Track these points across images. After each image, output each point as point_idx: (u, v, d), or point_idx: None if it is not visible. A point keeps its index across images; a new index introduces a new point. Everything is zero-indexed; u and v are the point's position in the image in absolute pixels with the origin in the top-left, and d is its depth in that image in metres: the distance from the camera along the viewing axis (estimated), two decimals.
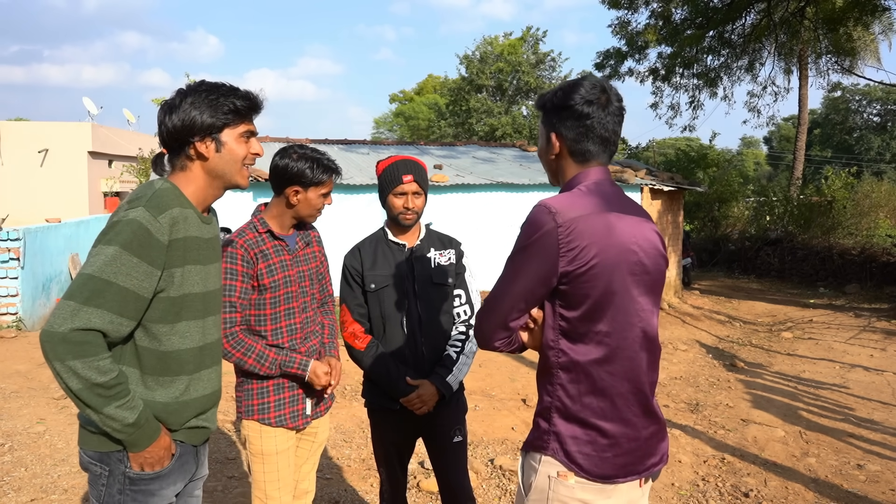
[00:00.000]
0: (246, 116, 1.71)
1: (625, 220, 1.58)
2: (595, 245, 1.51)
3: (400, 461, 2.63)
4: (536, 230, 1.53)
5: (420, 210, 2.51)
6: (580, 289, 1.53)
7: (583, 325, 1.55)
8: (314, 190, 2.31)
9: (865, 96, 41.11)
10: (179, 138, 1.65)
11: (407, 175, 2.47)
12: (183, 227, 1.62)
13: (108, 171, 20.17)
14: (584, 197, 1.58)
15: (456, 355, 2.51)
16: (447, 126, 28.55)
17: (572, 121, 1.62)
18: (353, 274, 2.55)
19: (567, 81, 1.69)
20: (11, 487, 3.75)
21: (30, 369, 6.20)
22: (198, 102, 1.64)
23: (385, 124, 43.80)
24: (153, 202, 1.58)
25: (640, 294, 1.58)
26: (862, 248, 13.63)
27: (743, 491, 4.03)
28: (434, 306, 2.52)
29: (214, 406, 1.84)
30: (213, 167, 1.69)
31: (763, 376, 6.88)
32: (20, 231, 8.48)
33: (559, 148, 1.66)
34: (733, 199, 17.45)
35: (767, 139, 51.83)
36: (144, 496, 1.65)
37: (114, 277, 1.50)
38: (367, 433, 4.76)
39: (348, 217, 10.13)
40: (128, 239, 1.51)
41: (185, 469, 1.74)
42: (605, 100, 1.62)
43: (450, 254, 2.59)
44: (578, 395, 1.57)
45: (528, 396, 5.67)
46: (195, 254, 1.66)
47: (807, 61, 20.00)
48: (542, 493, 1.60)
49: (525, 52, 27.31)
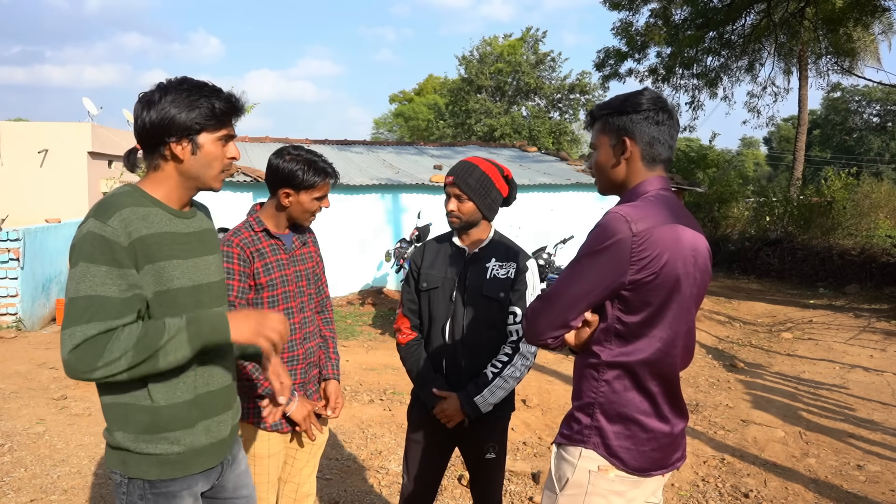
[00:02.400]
0: (225, 120, 1.66)
1: (688, 232, 1.64)
2: (664, 255, 1.56)
3: (432, 468, 2.53)
4: (610, 237, 1.56)
5: (465, 214, 2.38)
6: (643, 296, 1.58)
7: (639, 329, 1.61)
8: (306, 193, 2.26)
9: (865, 97, 41.12)
10: (155, 136, 1.60)
11: (449, 176, 2.42)
12: (140, 225, 1.57)
13: (108, 172, 20.16)
14: (653, 206, 1.62)
15: (493, 376, 2.36)
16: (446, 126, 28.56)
17: (647, 125, 1.67)
18: (412, 269, 2.54)
19: (628, 92, 1.75)
20: (11, 488, 3.74)
21: (29, 370, 6.20)
22: (178, 101, 1.58)
23: (385, 125, 43.79)
24: (100, 210, 1.55)
25: (691, 304, 1.66)
26: (862, 249, 13.62)
27: (743, 491, 4.03)
28: (480, 318, 2.39)
29: (228, 401, 1.78)
30: (187, 169, 1.64)
31: (763, 377, 6.88)
32: (20, 231, 8.48)
33: (631, 152, 1.69)
34: (733, 199, 17.45)
35: (767, 140, 51.85)
36: (166, 499, 1.63)
37: (90, 290, 1.49)
38: (367, 434, 4.76)
39: (348, 217, 10.13)
40: (88, 251, 1.50)
41: (205, 473, 1.72)
42: (670, 111, 1.70)
43: (510, 267, 2.42)
44: (623, 392, 1.64)
45: (527, 397, 5.67)
46: (168, 249, 1.62)
47: (806, 62, 20.01)
48: (581, 487, 1.65)
49: (525, 52, 27.32)
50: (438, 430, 2.45)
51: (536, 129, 25.90)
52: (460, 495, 3.83)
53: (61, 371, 6.20)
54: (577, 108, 27.99)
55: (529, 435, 4.94)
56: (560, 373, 6.46)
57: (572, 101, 27.87)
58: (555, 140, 26.22)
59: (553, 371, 6.53)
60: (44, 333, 8.27)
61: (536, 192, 11.05)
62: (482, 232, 2.47)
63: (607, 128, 1.72)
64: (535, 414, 5.38)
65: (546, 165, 13.15)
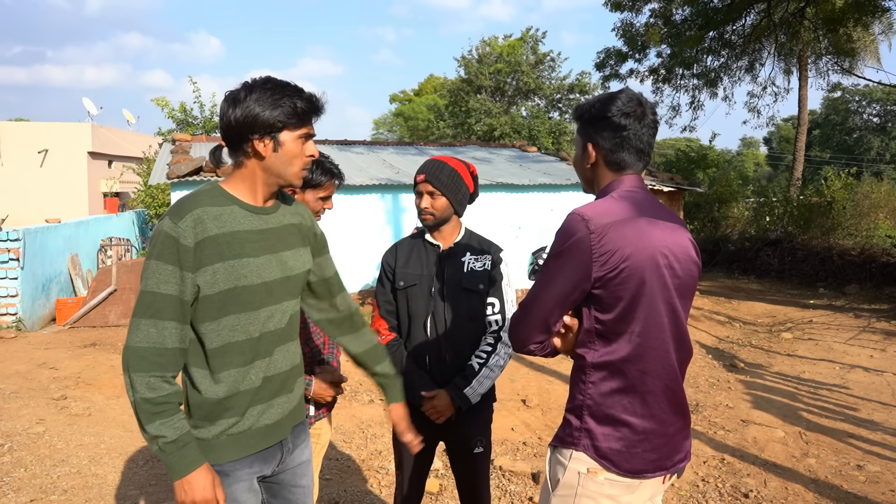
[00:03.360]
0: (306, 119, 1.70)
1: (657, 226, 1.64)
2: (625, 249, 1.57)
3: (417, 465, 2.55)
4: (570, 237, 1.59)
5: (438, 211, 2.43)
6: (613, 292, 1.59)
7: (616, 326, 1.61)
8: (311, 192, 2.28)
9: (865, 97, 41.11)
10: (239, 133, 1.66)
11: (420, 174, 2.45)
12: (212, 224, 1.63)
13: (108, 172, 20.16)
14: (616, 203, 1.64)
15: (479, 367, 2.41)
16: (446, 126, 28.54)
17: (609, 132, 1.69)
18: (386, 270, 2.55)
19: (604, 94, 1.76)
20: (11, 488, 3.74)
21: (29, 370, 6.20)
22: (262, 99, 1.63)
23: (385, 125, 43.79)
24: (174, 209, 1.64)
25: (670, 297, 1.64)
26: (862, 249, 13.61)
27: (743, 492, 4.03)
28: (461, 312, 2.44)
29: (286, 385, 1.81)
30: (269, 166, 1.69)
31: (763, 377, 6.88)
32: (20, 231, 8.48)
33: (595, 158, 1.73)
34: (733, 199, 17.43)
35: (767, 140, 51.84)
36: (219, 476, 1.68)
37: (156, 287, 1.59)
38: (367, 434, 4.76)
39: (348, 217, 10.12)
40: (159, 250, 1.60)
41: (260, 457, 1.76)
42: (641, 112, 1.69)
43: (485, 259, 2.49)
44: (610, 393, 1.64)
45: (527, 397, 5.67)
46: (239, 248, 1.67)
47: (807, 62, 19.99)
48: (571, 488, 1.65)
49: (524, 52, 27.32)
50: (424, 426, 2.46)
51: (536, 129, 25.89)
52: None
53: (61, 371, 6.20)
54: None
55: (529, 435, 4.94)
56: (560, 373, 6.46)
57: (572, 101, 27.84)
58: (554, 140, 26.21)
59: (553, 371, 6.53)
60: (44, 333, 8.27)
61: (536, 192, 11.04)
62: (454, 228, 2.52)
63: (579, 130, 1.78)
64: (535, 414, 5.38)
65: (546, 165, 13.15)
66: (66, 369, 6.27)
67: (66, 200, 18.13)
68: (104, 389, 5.72)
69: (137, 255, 12.83)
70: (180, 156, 10.24)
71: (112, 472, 4.04)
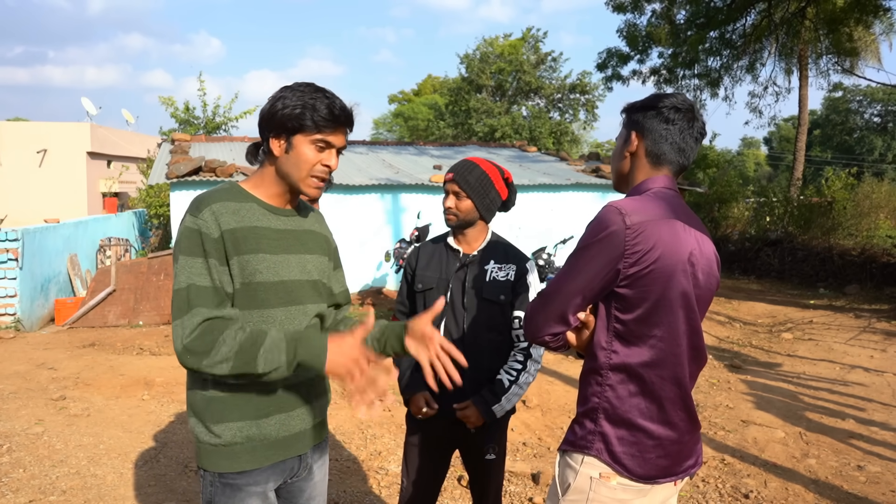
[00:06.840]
0: (324, 126, 1.66)
1: (689, 232, 1.61)
2: (658, 249, 1.54)
3: (431, 471, 2.51)
4: (604, 229, 1.56)
5: (462, 212, 2.36)
6: (639, 291, 1.56)
7: (638, 328, 1.58)
8: None
9: (866, 97, 41.12)
10: (261, 129, 1.69)
11: (449, 173, 2.41)
12: (230, 218, 1.63)
13: (107, 172, 20.15)
14: (653, 202, 1.61)
15: (509, 384, 2.35)
16: (446, 126, 28.54)
17: (657, 122, 1.67)
18: (407, 271, 2.53)
19: (658, 93, 1.76)
20: (10, 489, 3.73)
21: (28, 370, 6.19)
22: (286, 100, 1.64)
23: (384, 125, 43.81)
24: (194, 205, 1.65)
25: (690, 304, 1.62)
26: (862, 249, 13.60)
27: (743, 492, 4.02)
28: (480, 321, 2.36)
29: (310, 395, 1.78)
30: (280, 166, 1.69)
31: (763, 377, 6.87)
32: (19, 231, 8.47)
33: (636, 146, 1.70)
34: (733, 199, 17.41)
35: (767, 140, 51.84)
36: (232, 490, 1.68)
37: (189, 280, 1.59)
38: (367, 434, 4.75)
39: (348, 217, 10.11)
40: (185, 245, 1.61)
41: (278, 469, 1.74)
42: (692, 116, 1.68)
43: (509, 269, 2.39)
44: (628, 397, 1.61)
45: (527, 397, 5.66)
46: (255, 243, 1.66)
47: (807, 62, 19.99)
48: (582, 493, 1.62)
49: (525, 52, 27.31)
50: (437, 433, 2.44)
51: (537, 129, 25.88)
52: (460, 496, 3.82)
53: (60, 371, 6.19)
54: (577, 109, 27.98)
55: (529, 436, 4.93)
56: (560, 373, 6.45)
57: (572, 101, 27.86)
58: (555, 140, 26.20)
59: (553, 371, 6.52)
60: (42, 334, 8.26)
61: (536, 193, 11.04)
62: (479, 233, 2.44)
63: (625, 122, 1.76)
64: (535, 414, 5.37)
65: (546, 165, 13.14)
66: (64, 370, 6.26)
67: (65, 200, 18.12)
68: (103, 390, 5.71)
69: (136, 255, 12.82)
70: (179, 156, 10.24)
71: (111, 472, 4.03)
